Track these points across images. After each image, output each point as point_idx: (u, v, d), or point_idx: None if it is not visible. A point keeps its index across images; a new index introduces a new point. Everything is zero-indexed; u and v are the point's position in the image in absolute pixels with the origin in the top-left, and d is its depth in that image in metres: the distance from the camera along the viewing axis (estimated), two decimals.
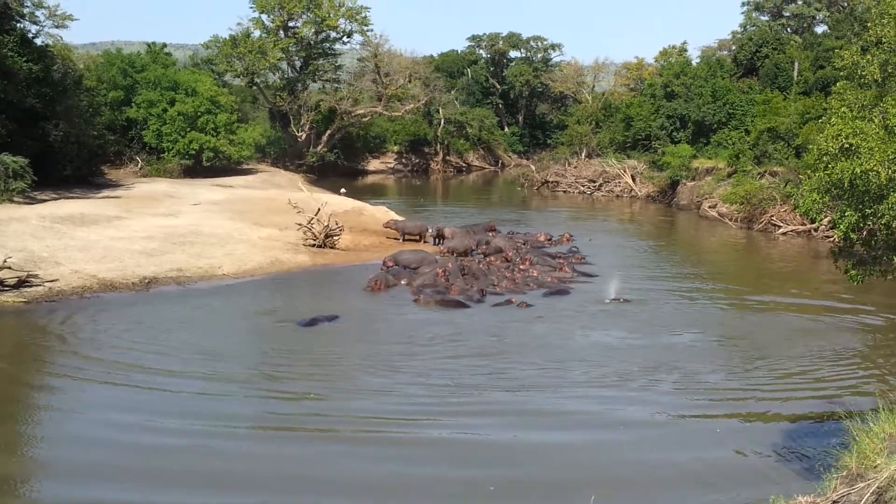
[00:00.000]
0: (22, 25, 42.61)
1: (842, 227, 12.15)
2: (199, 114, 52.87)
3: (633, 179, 58.30)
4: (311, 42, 67.45)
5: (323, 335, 22.48)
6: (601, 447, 15.73)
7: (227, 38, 64.18)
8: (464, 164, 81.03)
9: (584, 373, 19.76)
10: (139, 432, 15.76)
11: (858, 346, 22.19)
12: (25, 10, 43.38)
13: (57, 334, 21.74)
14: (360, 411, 17.07)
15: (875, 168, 11.20)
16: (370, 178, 71.53)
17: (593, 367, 20.14)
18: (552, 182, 63.36)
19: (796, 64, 54.92)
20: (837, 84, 13.80)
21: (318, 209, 34.17)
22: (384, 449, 15.51)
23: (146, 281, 27.04)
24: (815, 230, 40.13)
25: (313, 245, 33.44)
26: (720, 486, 13.97)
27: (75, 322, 22.70)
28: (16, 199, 35.48)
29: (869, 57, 12.91)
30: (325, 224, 33.82)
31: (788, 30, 70.07)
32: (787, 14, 71.55)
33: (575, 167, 63.99)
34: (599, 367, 20.08)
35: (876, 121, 12.15)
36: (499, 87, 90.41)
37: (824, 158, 11.99)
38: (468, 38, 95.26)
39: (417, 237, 36.89)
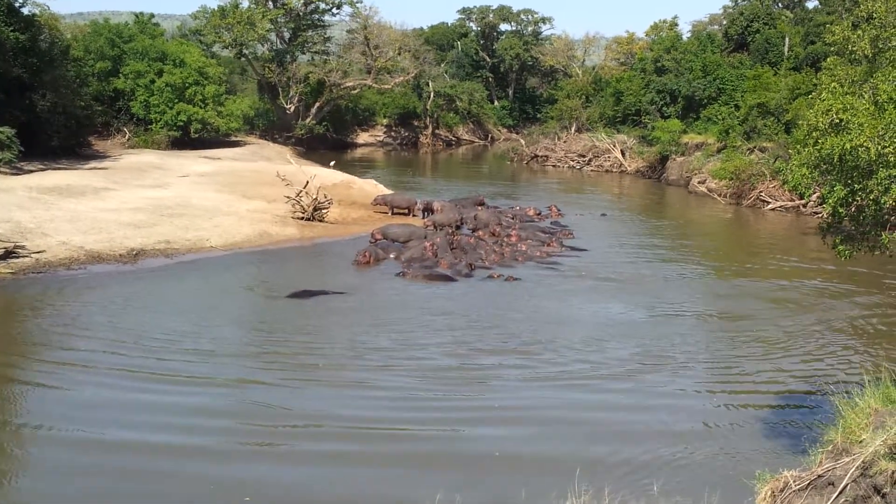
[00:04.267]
0: None
1: (830, 202, 12.17)
2: (187, 85, 52.58)
3: (623, 154, 58.18)
4: (300, 13, 66.89)
5: (312, 311, 22.46)
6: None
7: (216, 8, 63.62)
8: (453, 138, 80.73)
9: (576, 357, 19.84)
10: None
11: (845, 321, 22.29)
12: None
13: (39, 312, 21.66)
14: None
15: (865, 143, 11.20)
16: (359, 151, 71.17)
17: (594, 352, 19.90)
18: (541, 156, 63.18)
19: (787, 39, 54.74)
20: (828, 59, 13.81)
21: (307, 182, 34.00)
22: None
23: (134, 253, 26.94)
24: (804, 206, 40.21)
25: (301, 218, 33.35)
26: (705, 461, 14.07)
27: (60, 299, 22.63)
28: (2, 169, 35.27)
29: (860, 32, 12.89)
30: (314, 197, 33.71)
31: (779, 5, 69.74)
32: None
33: (564, 142, 63.83)
34: (598, 353, 19.81)
35: (866, 96, 12.14)
36: (489, 60, 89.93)
37: (814, 134, 11.98)
38: (458, 11, 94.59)
39: (406, 211, 36.82)
